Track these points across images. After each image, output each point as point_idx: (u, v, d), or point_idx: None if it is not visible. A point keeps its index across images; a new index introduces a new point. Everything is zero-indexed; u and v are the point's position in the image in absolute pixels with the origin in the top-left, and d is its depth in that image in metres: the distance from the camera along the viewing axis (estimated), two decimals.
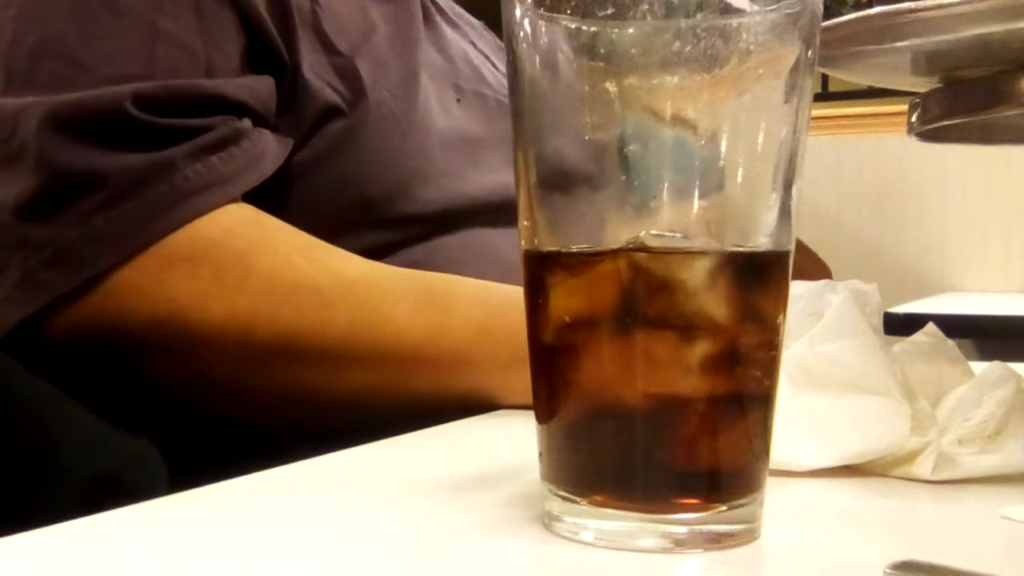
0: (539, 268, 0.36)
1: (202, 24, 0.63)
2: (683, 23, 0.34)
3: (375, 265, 0.64)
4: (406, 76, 0.72)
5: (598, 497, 0.34)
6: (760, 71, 0.34)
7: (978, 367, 0.48)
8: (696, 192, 0.34)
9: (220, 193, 0.60)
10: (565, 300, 0.36)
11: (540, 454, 0.37)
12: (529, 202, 0.36)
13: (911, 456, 0.43)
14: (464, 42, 0.84)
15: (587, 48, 0.35)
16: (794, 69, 0.35)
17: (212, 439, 0.63)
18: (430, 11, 0.81)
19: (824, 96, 2.47)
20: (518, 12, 0.35)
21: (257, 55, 0.65)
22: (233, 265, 0.59)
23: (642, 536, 0.34)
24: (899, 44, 0.44)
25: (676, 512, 0.34)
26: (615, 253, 0.34)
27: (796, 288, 0.42)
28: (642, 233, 0.34)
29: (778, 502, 0.37)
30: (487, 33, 0.93)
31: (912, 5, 0.41)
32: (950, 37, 0.42)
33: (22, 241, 0.57)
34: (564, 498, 0.35)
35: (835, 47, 0.45)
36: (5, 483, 0.53)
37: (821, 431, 0.43)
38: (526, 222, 0.36)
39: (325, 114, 0.67)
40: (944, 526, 0.38)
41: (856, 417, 0.43)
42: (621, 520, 0.34)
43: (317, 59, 0.68)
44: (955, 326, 1.46)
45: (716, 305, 0.34)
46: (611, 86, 0.34)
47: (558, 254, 0.36)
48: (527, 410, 0.38)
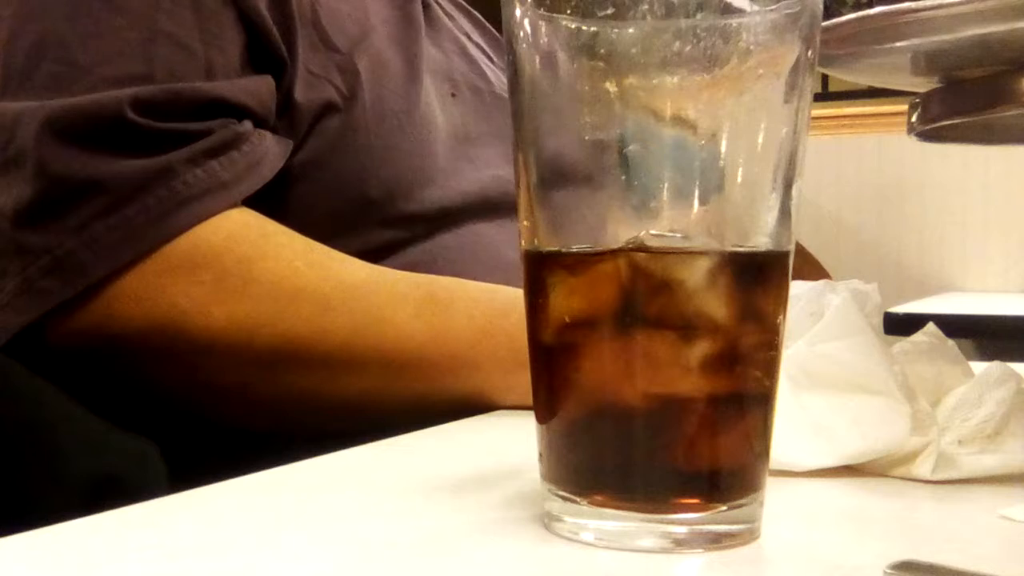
0: (539, 268, 0.36)
1: (201, 23, 0.62)
2: (683, 23, 0.34)
3: (376, 269, 0.64)
4: (407, 74, 0.72)
5: (598, 497, 0.34)
6: (760, 71, 0.34)
7: (978, 367, 0.48)
8: (696, 192, 0.34)
9: (221, 198, 0.60)
10: (565, 300, 0.35)
11: (540, 454, 0.37)
12: (529, 202, 0.36)
13: (911, 456, 0.43)
14: (460, 35, 0.83)
15: (587, 48, 0.35)
16: (794, 69, 0.35)
17: (212, 440, 0.62)
18: (429, 4, 0.81)
19: (824, 96, 2.46)
20: (518, 12, 0.35)
21: (257, 53, 0.65)
22: (235, 271, 0.59)
23: (642, 536, 0.34)
24: (899, 44, 0.44)
25: (676, 512, 0.34)
26: (615, 253, 0.34)
27: (796, 288, 0.42)
28: (642, 233, 0.34)
29: (778, 502, 0.37)
30: (486, 24, 0.92)
31: (912, 5, 0.41)
32: (950, 37, 0.42)
33: (21, 248, 0.57)
34: (564, 498, 0.35)
35: (835, 47, 0.45)
36: (5, 483, 0.53)
37: (821, 431, 0.43)
38: (526, 222, 0.36)
39: (323, 111, 0.67)
40: (944, 526, 0.38)
41: (856, 417, 0.43)
42: (621, 520, 0.34)
43: (316, 56, 0.67)
44: (955, 326, 1.46)
45: (716, 305, 0.34)
46: (611, 86, 0.34)
47: (558, 254, 0.36)
48: (527, 410, 0.38)
